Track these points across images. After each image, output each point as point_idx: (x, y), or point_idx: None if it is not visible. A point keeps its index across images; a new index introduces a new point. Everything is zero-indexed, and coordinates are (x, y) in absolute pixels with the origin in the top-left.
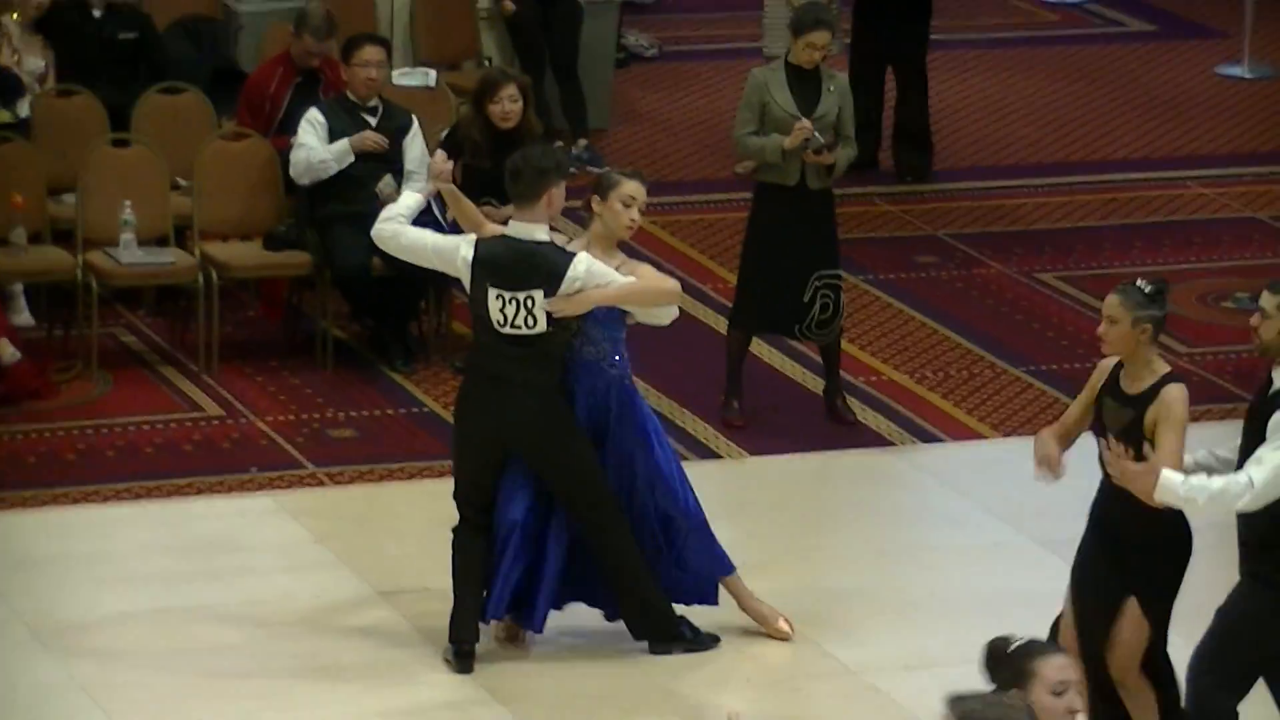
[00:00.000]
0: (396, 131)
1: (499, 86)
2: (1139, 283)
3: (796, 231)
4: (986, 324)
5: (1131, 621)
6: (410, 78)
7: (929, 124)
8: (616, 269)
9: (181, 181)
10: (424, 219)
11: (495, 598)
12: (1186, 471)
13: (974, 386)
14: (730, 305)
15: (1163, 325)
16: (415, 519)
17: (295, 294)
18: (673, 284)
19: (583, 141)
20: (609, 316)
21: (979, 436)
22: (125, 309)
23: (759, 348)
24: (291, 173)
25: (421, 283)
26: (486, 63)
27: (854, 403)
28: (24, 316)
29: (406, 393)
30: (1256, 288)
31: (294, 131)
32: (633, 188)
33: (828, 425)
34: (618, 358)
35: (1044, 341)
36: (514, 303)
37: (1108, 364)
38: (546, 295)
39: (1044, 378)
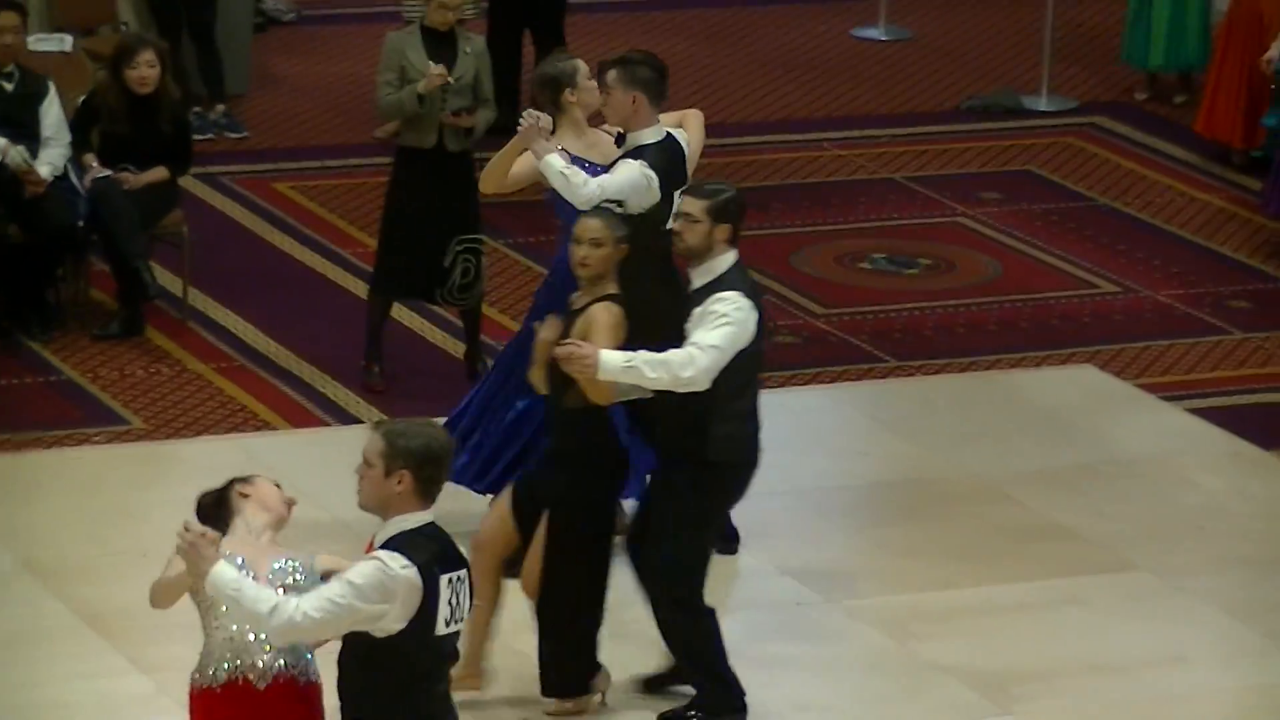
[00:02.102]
0: (32, 98)
1: (136, 52)
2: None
3: (436, 195)
4: None
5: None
6: (47, 43)
7: None
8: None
9: None
10: (62, 184)
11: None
12: None
13: None
14: (371, 270)
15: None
16: (55, 488)
17: None
18: None
19: (221, 107)
20: None
21: None
22: None
23: (399, 312)
24: None
25: (59, 249)
26: (123, 28)
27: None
28: None
29: (44, 360)
30: (894, 249)
31: None
32: (584, 65)
33: (469, 389)
34: None
35: None
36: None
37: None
38: None
39: None
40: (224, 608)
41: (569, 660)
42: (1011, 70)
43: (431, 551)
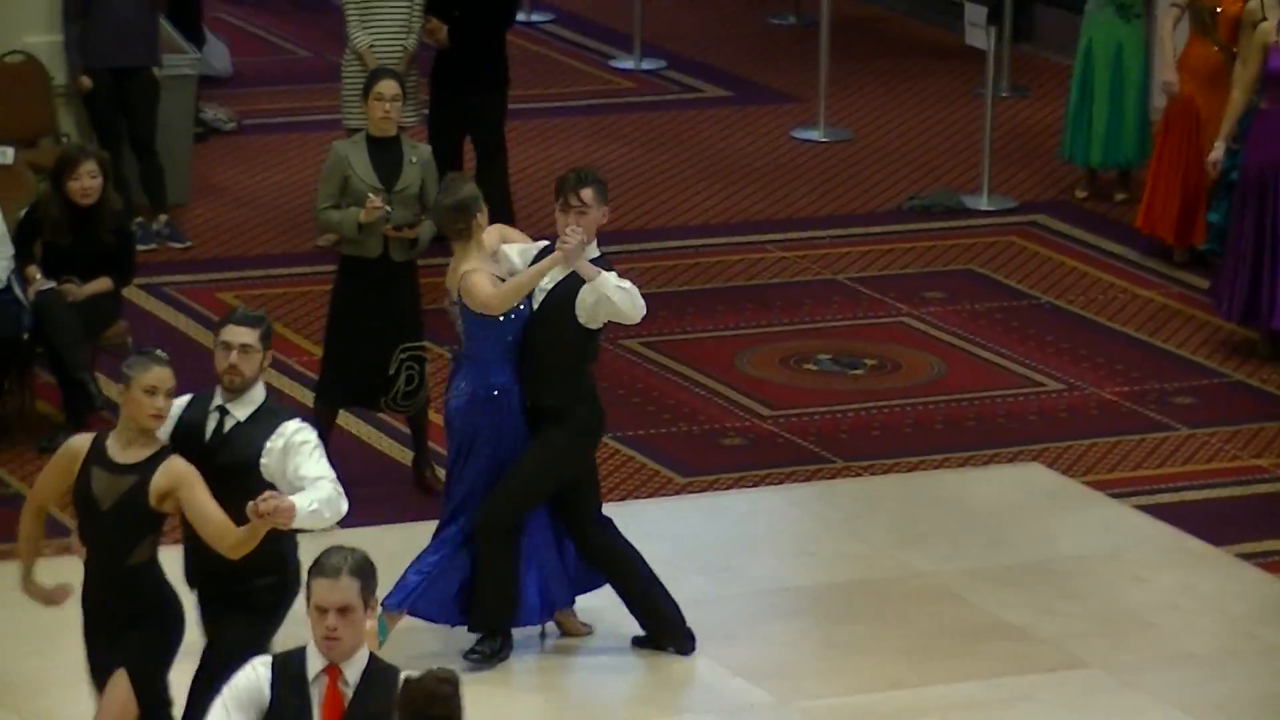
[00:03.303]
0: None
1: (77, 163)
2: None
3: (380, 304)
4: None
5: (122, 691)
6: None
7: (510, 192)
8: None
9: None
10: (5, 296)
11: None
12: None
13: None
14: (316, 378)
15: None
16: (11, 599)
17: None
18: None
19: (163, 217)
20: None
21: None
22: None
23: (346, 420)
24: None
25: (2, 362)
26: (64, 139)
27: (442, 472)
28: None
29: None
30: (838, 349)
31: None
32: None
33: (416, 495)
34: None
35: (630, 407)
36: None
37: (82, 440)
38: None
39: (631, 444)
40: None
41: None
42: (951, 170)
43: None
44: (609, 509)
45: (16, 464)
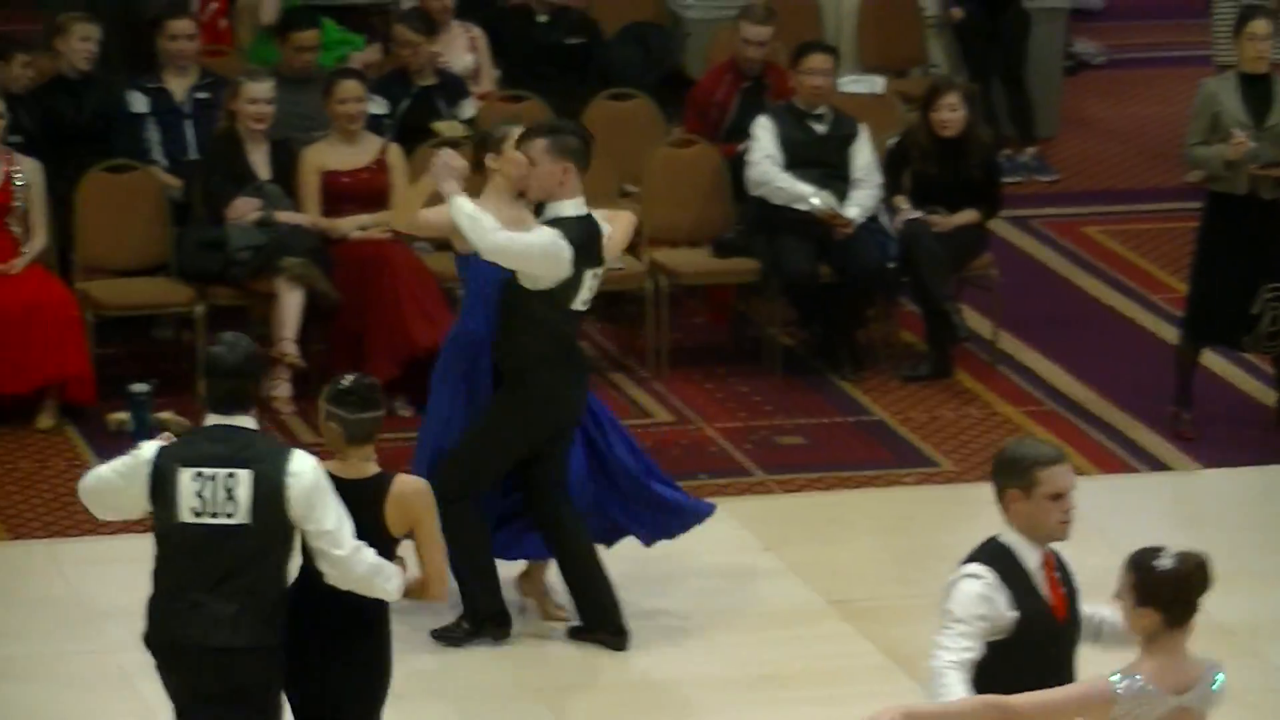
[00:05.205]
0: (843, 139)
1: (940, 94)
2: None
3: (1246, 242)
4: None
5: None
6: (858, 85)
7: None
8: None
9: (630, 188)
10: (872, 225)
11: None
12: None
13: None
14: (1180, 316)
15: None
16: (863, 527)
17: (743, 300)
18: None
19: (1031, 150)
20: None
21: None
22: None
23: (1210, 358)
24: (747, 183)
25: (869, 291)
26: (933, 70)
27: None
28: None
29: (854, 401)
30: None
31: (742, 138)
32: (518, 132)
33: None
34: None
35: None
36: (596, 279)
37: None
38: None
39: None
40: None
41: None
42: None
43: None
44: None
45: (879, 392)
